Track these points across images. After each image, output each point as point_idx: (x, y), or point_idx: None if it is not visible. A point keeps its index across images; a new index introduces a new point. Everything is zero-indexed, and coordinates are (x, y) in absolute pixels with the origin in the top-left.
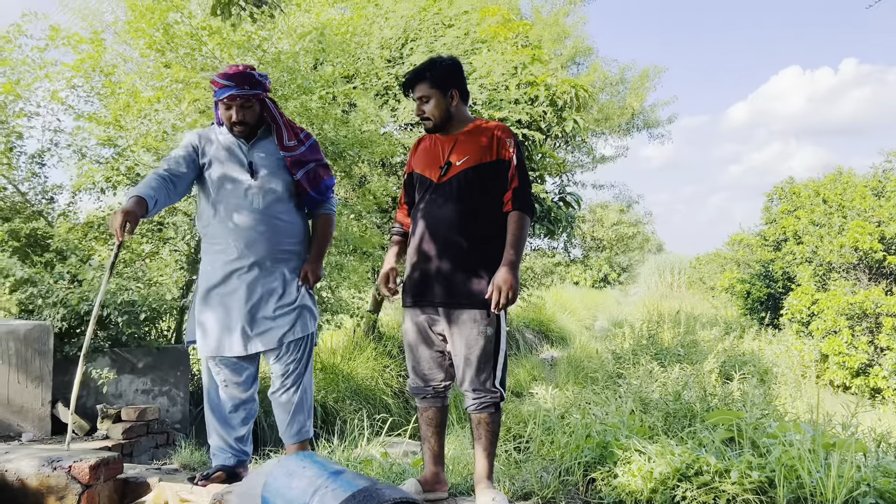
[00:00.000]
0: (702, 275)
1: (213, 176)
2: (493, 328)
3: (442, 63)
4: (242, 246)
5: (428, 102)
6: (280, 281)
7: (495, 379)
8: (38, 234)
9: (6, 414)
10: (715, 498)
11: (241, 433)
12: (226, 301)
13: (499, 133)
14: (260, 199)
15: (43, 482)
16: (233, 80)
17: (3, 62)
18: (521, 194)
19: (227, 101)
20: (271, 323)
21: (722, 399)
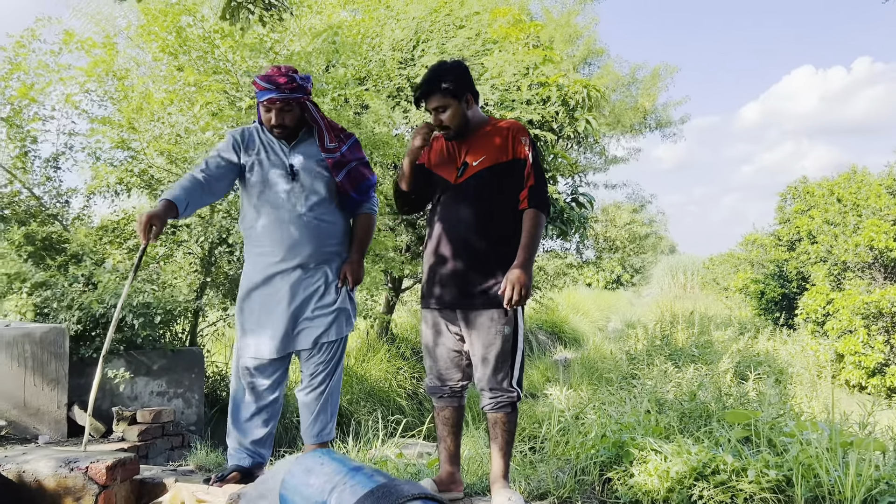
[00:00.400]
0: (715, 275)
1: (255, 178)
2: (510, 328)
3: (452, 69)
4: (285, 248)
5: (445, 112)
6: (322, 281)
7: (512, 378)
8: (53, 238)
9: (23, 416)
10: (732, 497)
11: (260, 435)
12: (267, 302)
13: (513, 131)
14: (302, 200)
15: (60, 483)
16: (273, 82)
17: (17, 67)
18: (536, 192)
19: (266, 104)
20: (308, 323)
21: (737, 399)
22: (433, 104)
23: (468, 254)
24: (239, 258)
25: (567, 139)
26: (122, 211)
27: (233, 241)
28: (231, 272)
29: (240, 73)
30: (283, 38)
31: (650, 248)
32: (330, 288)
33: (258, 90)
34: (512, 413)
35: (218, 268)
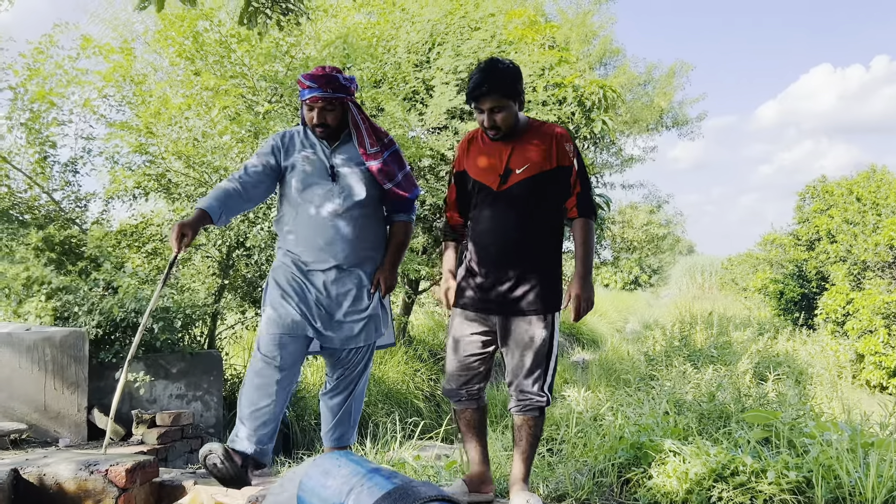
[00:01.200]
0: (734, 276)
1: (295, 178)
2: (547, 332)
3: (511, 71)
4: (321, 247)
5: (500, 112)
6: (355, 284)
7: (544, 384)
8: (72, 242)
9: (43, 420)
10: (752, 499)
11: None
12: (301, 294)
13: (557, 138)
14: (340, 201)
15: (80, 486)
16: (317, 81)
17: (36, 72)
18: (584, 200)
19: (309, 103)
20: (339, 325)
21: (757, 400)
22: (488, 104)
23: (509, 262)
24: (256, 261)
25: (583, 140)
26: (141, 215)
27: (250, 245)
28: (249, 275)
29: (256, 77)
30: (298, 43)
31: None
32: (363, 293)
33: (302, 89)
34: (539, 417)
35: (236, 271)
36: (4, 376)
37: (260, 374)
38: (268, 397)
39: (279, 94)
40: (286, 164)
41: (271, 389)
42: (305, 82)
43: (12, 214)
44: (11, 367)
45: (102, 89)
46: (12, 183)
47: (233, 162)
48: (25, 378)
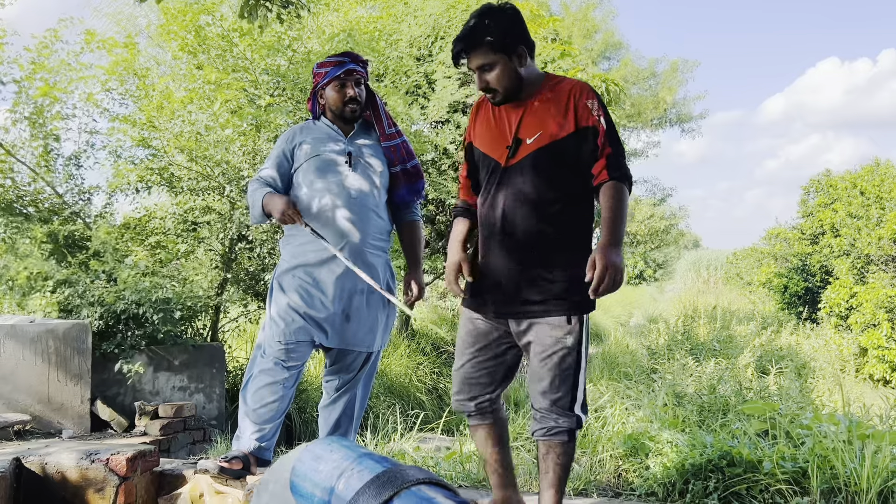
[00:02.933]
0: (739, 270)
1: (311, 165)
2: (574, 338)
3: (499, 15)
4: (336, 233)
5: (491, 71)
6: (366, 285)
7: (574, 401)
8: (75, 236)
9: (47, 411)
10: (748, 489)
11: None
12: (308, 300)
13: (576, 94)
14: (356, 187)
15: (82, 474)
16: (349, 56)
17: (40, 66)
18: (615, 162)
19: (343, 77)
20: (356, 327)
21: (757, 392)
22: (475, 63)
23: (524, 251)
24: (259, 254)
25: None
26: (144, 208)
27: (253, 238)
28: (251, 268)
29: (258, 71)
30: (300, 36)
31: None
32: (377, 294)
33: (331, 67)
34: (569, 443)
35: (238, 264)
36: (9, 368)
37: (268, 373)
38: (274, 394)
39: (281, 87)
40: (298, 160)
41: (278, 387)
42: (334, 60)
43: (16, 207)
44: (16, 359)
45: (106, 83)
46: (16, 176)
47: (234, 155)
48: (29, 370)
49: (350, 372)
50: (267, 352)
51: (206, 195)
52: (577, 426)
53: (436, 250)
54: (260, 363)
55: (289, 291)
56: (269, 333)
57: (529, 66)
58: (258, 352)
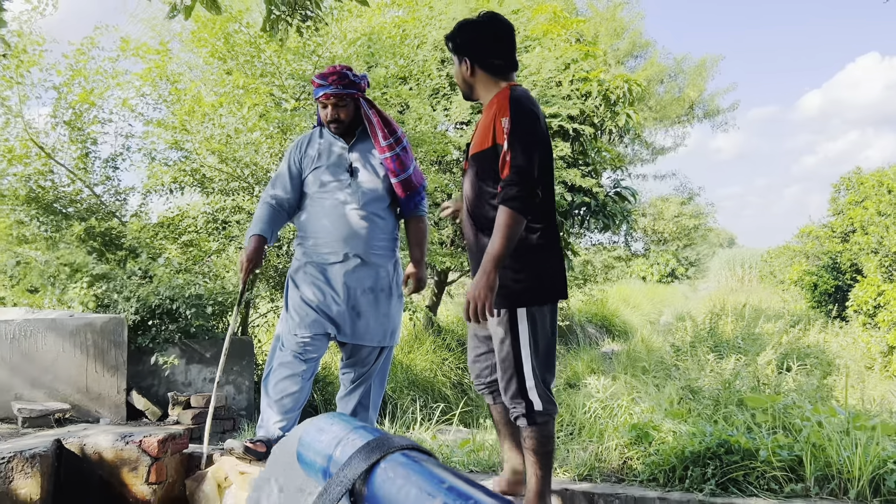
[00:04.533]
0: (773, 268)
1: (315, 175)
2: (503, 328)
3: (470, 25)
4: (340, 241)
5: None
6: (373, 281)
7: (522, 389)
8: (112, 234)
9: (85, 401)
10: (745, 475)
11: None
12: (321, 295)
13: (496, 110)
14: (358, 196)
15: (117, 455)
16: (327, 79)
17: (78, 73)
18: (507, 186)
19: (322, 100)
20: (357, 323)
21: (773, 388)
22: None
23: (472, 251)
24: (287, 251)
25: (608, 133)
26: (178, 207)
27: (281, 236)
28: (280, 266)
29: (284, 76)
30: (325, 42)
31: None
32: (385, 293)
33: (315, 87)
34: (536, 428)
35: (267, 261)
36: (50, 359)
37: (287, 365)
38: (294, 385)
39: (306, 91)
40: (305, 170)
41: (298, 379)
42: (317, 81)
43: (56, 207)
44: (56, 351)
45: (140, 88)
46: (56, 177)
47: (262, 157)
48: (69, 361)
49: (364, 366)
50: (285, 345)
51: (235, 195)
52: (530, 410)
53: (460, 247)
54: (279, 356)
55: (302, 287)
56: (285, 327)
57: (485, 80)
58: (277, 344)
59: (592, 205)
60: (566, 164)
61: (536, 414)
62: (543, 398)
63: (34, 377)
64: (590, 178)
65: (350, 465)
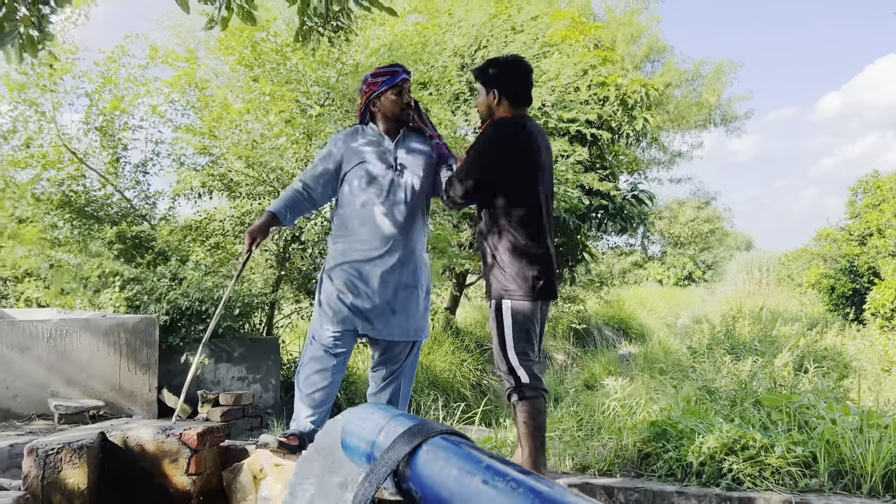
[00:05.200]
0: (790, 271)
1: (359, 171)
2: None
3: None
4: (383, 238)
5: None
6: (412, 276)
7: (509, 368)
8: (142, 237)
9: (118, 398)
10: (760, 470)
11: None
12: (356, 291)
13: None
14: (403, 194)
15: (158, 447)
16: (400, 67)
17: (109, 80)
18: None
19: (400, 84)
20: (392, 319)
21: (790, 389)
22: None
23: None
24: (311, 255)
25: (626, 138)
26: (205, 211)
27: (305, 239)
28: (304, 268)
29: (309, 82)
30: (348, 50)
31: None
32: (420, 290)
33: (387, 77)
34: (525, 402)
35: (291, 264)
36: (85, 358)
37: (318, 360)
38: (325, 380)
39: (330, 98)
40: (347, 163)
41: (328, 374)
42: (388, 70)
43: (87, 211)
44: (91, 351)
45: (169, 95)
46: (87, 182)
47: (288, 162)
48: (103, 360)
49: (396, 362)
50: (317, 338)
51: (262, 199)
52: (518, 384)
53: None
54: (310, 350)
55: (337, 283)
56: (318, 321)
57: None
58: (310, 337)
59: (610, 208)
60: (584, 168)
61: (525, 387)
62: (529, 373)
63: (69, 375)
64: (607, 181)
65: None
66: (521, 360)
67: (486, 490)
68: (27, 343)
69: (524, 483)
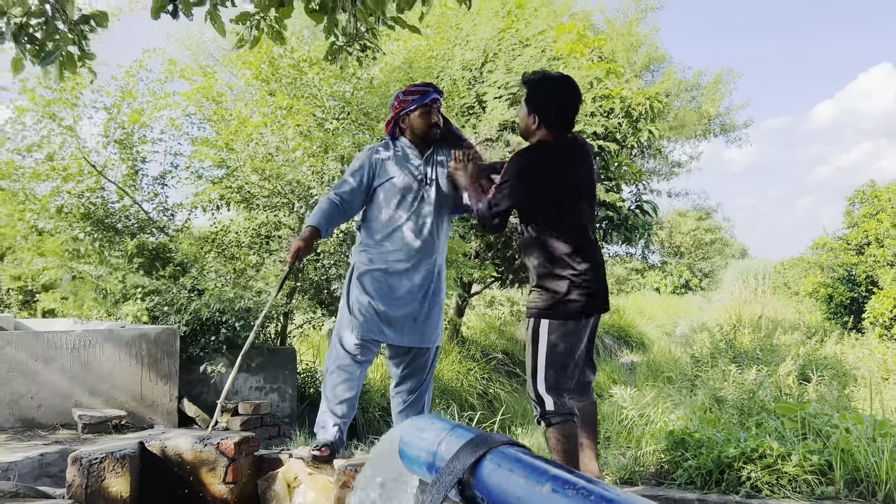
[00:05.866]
0: (786, 280)
1: (391, 184)
2: (529, 339)
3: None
4: (413, 250)
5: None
6: (434, 286)
7: (535, 384)
8: (161, 249)
9: (140, 408)
10: (777, 478)
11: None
12: (385, 299)
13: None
14: (431, 208)
15: (196, 456)
16: (432, 87)
17: (128, 94)
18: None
19: (430, 104)
20: (417, 327)
21: (796, 398)
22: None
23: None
24: (324, 265)
25: (630, 149)
26: (220, 223)
27: (320, 251)
28: (316, 279)
29: (326, 97)
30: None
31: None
32: (441, 298)
33: (418, 96)
34: (553, 429)
35: (304, 275)
36: (107, 369)
37: (345, 369)
38: (351, 390)
39: (346, 111)
40: (378, 180)
41: (354, 382)
42: (421, 89)
43: (107, 223)
44: (113, 361)
45: (186, 108)
46: (105, 194)
47: (304, 175)
48: (124, 370)
49: (422, 371)
50: (345, 345)
51: (277, 211)
52: (543, 410)
53: (486, 260)
54: (337, 357)
55: (369, 290)
56: (345, 326)
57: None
58: (335, 342)
59: (615, 218)
60: None
61: (550, 414)
62: (556, 401)
63: (92, 385)
64: (613, 192)
65: (459, 458)
66: (548, 387)
67: (556, 498)
68: (51, 354)
69: (594, 491)
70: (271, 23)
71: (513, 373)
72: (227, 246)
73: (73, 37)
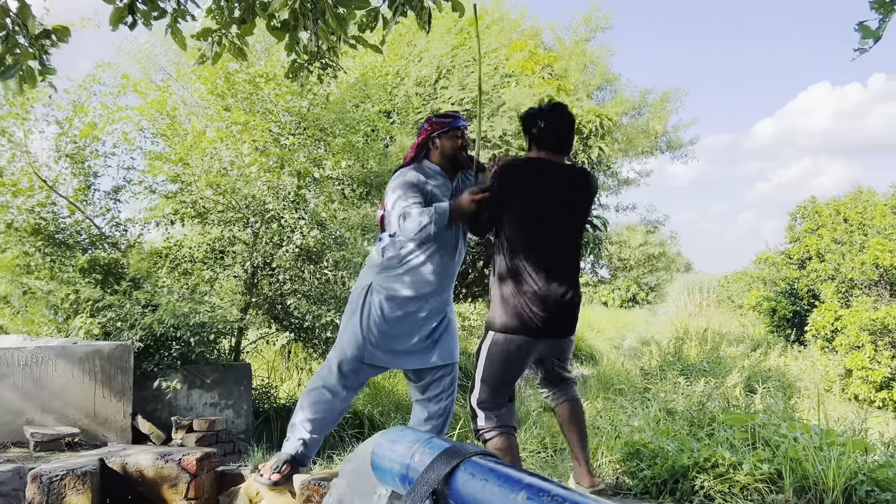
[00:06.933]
0: (730, 293)
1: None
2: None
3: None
4: (443, 277)
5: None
6: (450, 305)
7: (470, 398)
8: (113, 264)
9: (93, 425)
10: (729, 487)
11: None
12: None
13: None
14: (460, 236)
15: (158, 472)
16: (460, 115)
17: (80, 108)
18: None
19: (460, 130)
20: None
21: (743, 409)
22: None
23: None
24: (280, 280)
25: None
26: (172, 237)
27: (276, 266)
28: (270, 293)
29: (282, 112)
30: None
31: (663, 268)
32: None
33: (451, 120)
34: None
35: (259, 290)
36: (60, 385)
37: (331, 390)
38: (330, 412)
39: (302, 127)
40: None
41: (336, 405)
42: (453, 115)
43: (57, 238)
44: (66, 378)
45: (139, 122)
46: (56, 209)
47: (259, 190)
48: (78, 387)
49: (451, 386)
50: (342, 367)
51: (231, 226)
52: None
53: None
54: (325, 377)
55: (388, 313)
56: (348, 345)
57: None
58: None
59: None
60: None
61: (481, 429)
62: (487, 415)
63: (45, 402)
64: None
65: (433, 469)
66: (479, 401)
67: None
68: (2, 371)
69: (568, 498)
70: (233, 39)
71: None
72: (180, 261)
73: (34, 51)
